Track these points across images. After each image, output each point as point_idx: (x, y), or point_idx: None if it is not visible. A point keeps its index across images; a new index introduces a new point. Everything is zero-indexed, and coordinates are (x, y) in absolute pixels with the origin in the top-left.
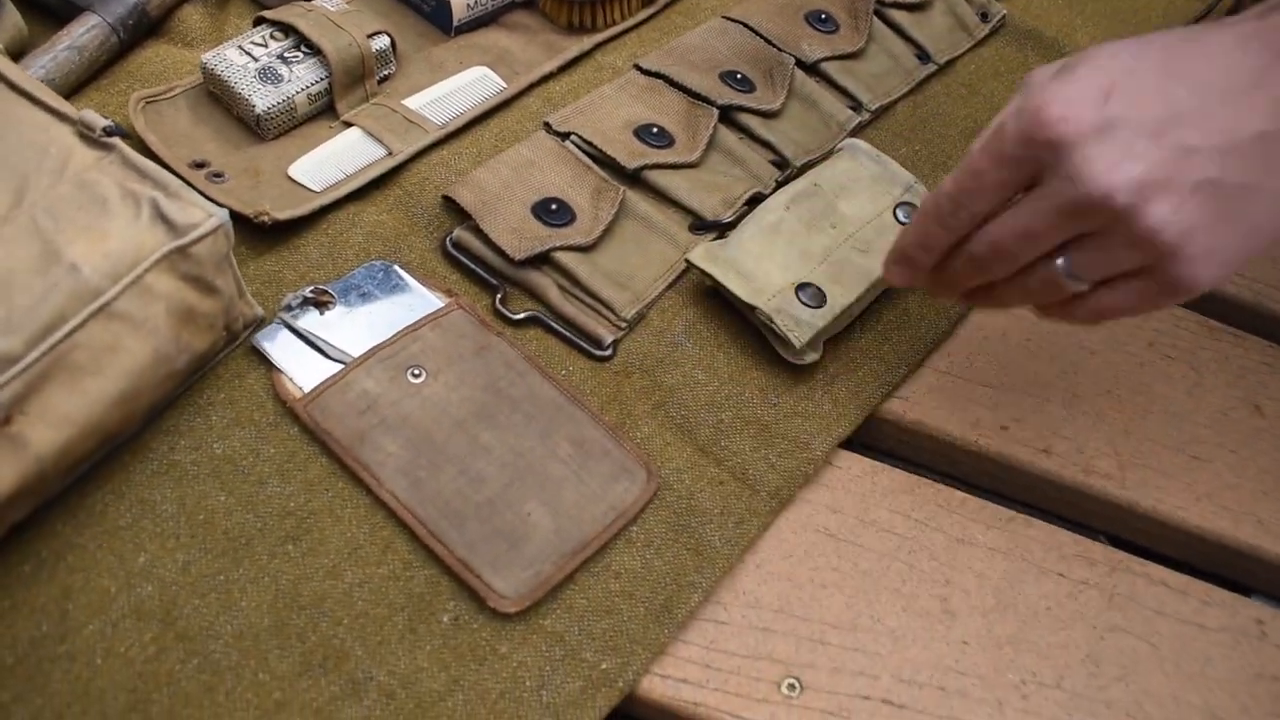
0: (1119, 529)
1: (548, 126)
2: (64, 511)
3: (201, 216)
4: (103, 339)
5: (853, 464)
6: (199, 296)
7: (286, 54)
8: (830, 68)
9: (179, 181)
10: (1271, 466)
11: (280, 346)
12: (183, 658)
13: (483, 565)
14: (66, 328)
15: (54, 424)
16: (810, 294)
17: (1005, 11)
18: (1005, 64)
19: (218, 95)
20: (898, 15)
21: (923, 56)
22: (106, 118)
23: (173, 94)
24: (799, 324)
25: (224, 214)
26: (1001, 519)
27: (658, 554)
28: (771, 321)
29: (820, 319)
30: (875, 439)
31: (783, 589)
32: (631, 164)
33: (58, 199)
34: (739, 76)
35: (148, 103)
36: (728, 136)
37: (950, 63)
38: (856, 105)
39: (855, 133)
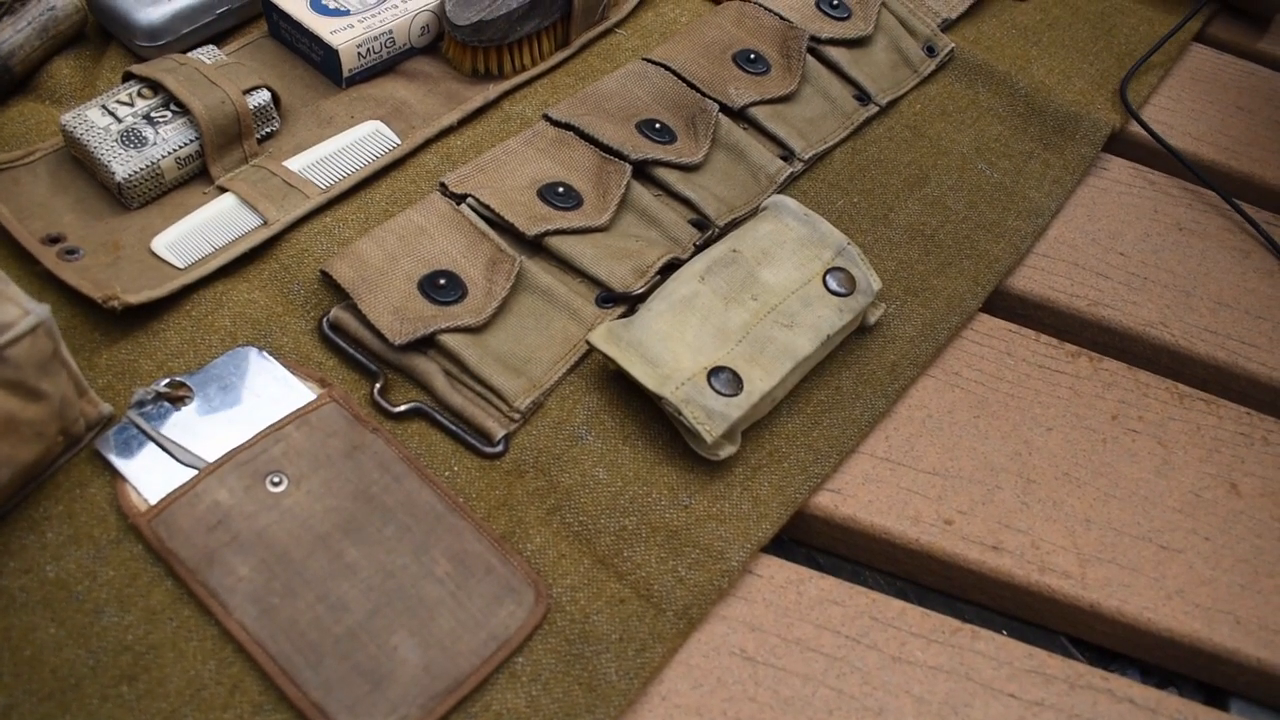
0: (1081, 633)
1: (443, 187)
2: None
3: (16, 315)
4: None
5: (776, 571)
6: (20, 403)
7: (153, 113)
8: (760, 113)
9: None
10: (1249, 555)
11: (127, 451)
12: None
13: (339, 710)
14: None
15: None
16: (724, 380)
17: (954, 45)
18: (954, 102)
19: (80, 160)
20: (835, 53)
21: (862, 97)
22: None
23: (32, 159)
24: (711, 415)
25: (44, 310)
26: (945, 631)
27: (545, 690)
28: (679, 413)
29: (735, 408)
30: (806, 536)
31: None
32: (532, 230)
33: None
34: (658, 126)
35: (2, 170)
36: (643, 195)
37: (893, 103)
38: (788, 154)
39: (787, 184)
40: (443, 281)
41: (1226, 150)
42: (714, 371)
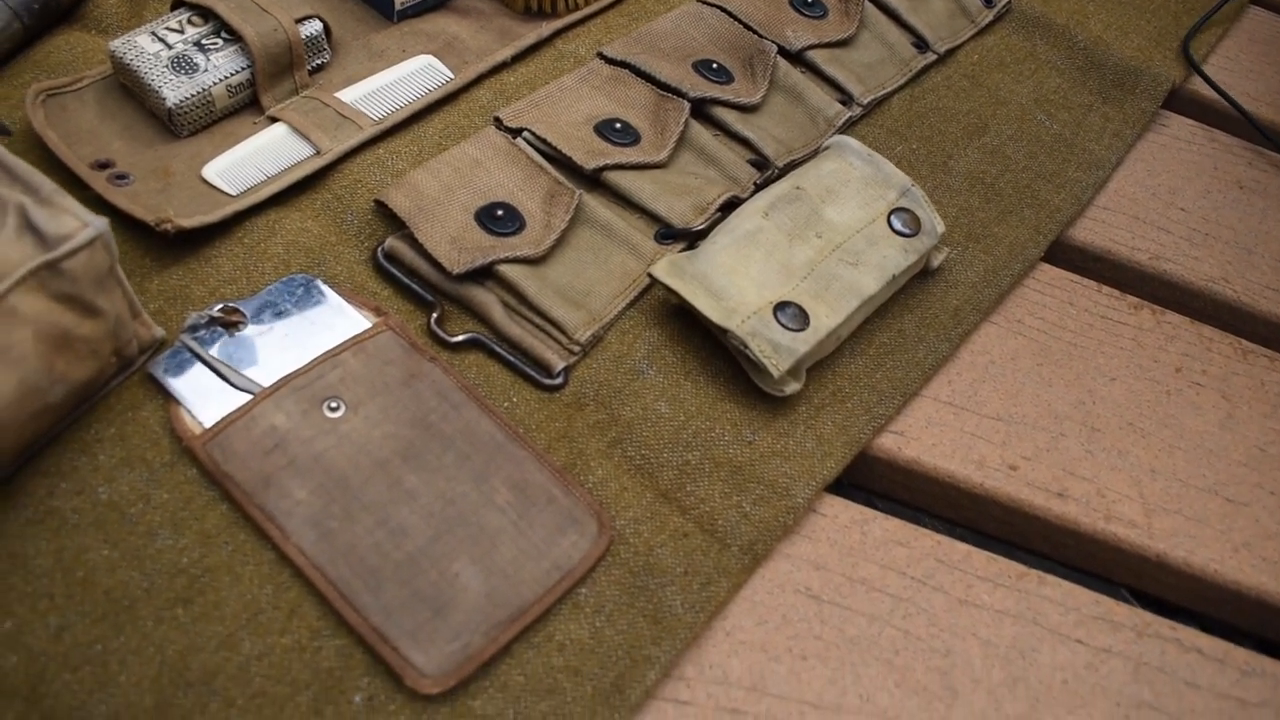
0: (1145, 584)
1: (498, 122)
2: None
3: (75, 226)
4: None
5: (840, 511)
6: (76, 319)
7: (204, 40)
8: (817, 57)
9: (53, 186)
10: None
11: (180, 374)
12: None
13: (400, 636)
14: None
15: None
16: (790, 315)
17: None
18: (1011, 54)
19: (128, 87)
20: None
21: (920, 45)
22: None
23: (79, 86)
24: (777, 349)
25: (103, 223)
26: (1011, 576)
27: (609, 621)
28: (745, 347)
29: (802, 344)
30: (866, 479)
31: (756, 661)
32: (590, 164)
33: None
34: (715, 66)
35: (49, 95)
36: (701, 133)
37: (950, 52)
38: (846, 99)
39: (845, 129)
40: (500, 213)
41: None
42: (780, 306)
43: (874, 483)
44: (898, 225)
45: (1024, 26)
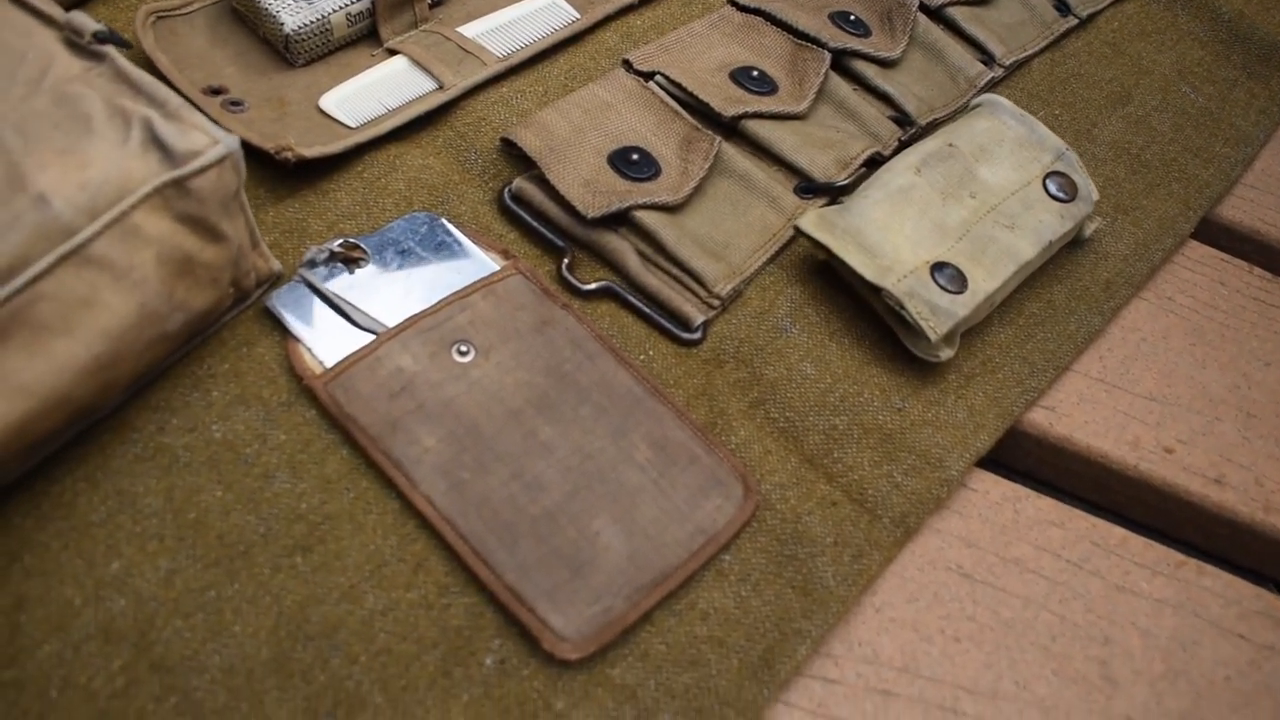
0: None
1: (627, 64)
2: (23, 501)
3: (205, 143)
4: (75, 290)
5: (991, 487)
6: (199, 243)
7: None
8: (958, 14)
9: (180, 100)
10: None
11: (299, 310)
12: (158, 694)
13: (538, 596)
14: (28, 274)
15: (8, 395)
16: (948, 276)
17: None
18: (1152, 23)
19: (242, 13)
20: None
21: (1062, 8)
22: (101, 22)
23: (190, 9)
24: (935, 312)
25: (234, 141)
26: (1169, 564)
27: (756, 591)
28: (902, 307)
29: (961, 307)
30: (1011, 456)
31: (908, 641)
32: (729, 111)
33: (30, 114)
34: (852, 18)
35: (159, 18)
36: (840, 86)
37: (1092, 17)
38: (988, 59)
39: (986, 90)
40: (635, 157)
41: None
42: (937, 266)
43: (1018, 459)
44: (1053, 189)
45: None
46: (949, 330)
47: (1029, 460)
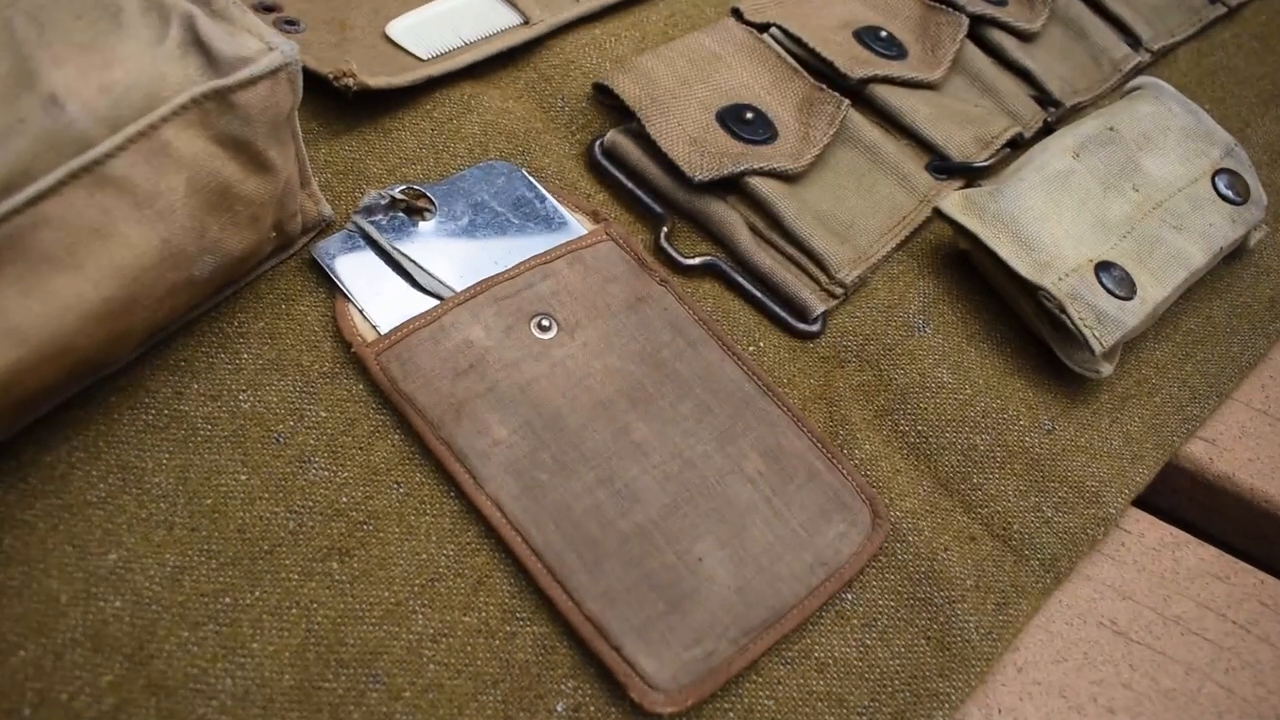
0: None
1: (737, 14)
2: (6, 469)
3: (258, 49)
4: (86, 216)
5: (1146, 529)
6: (241, 171)
7: None
8: None
9: None
10: None
11: (352, 264)
12: None
13: (625, 631)
14: (30, 191)
15: None
16: (1116, 278)
17: None
18: None
19: None
20: None
21: None
22: None
23: None
24: (1102, 319)
25: (293, 49)
26: None
27: (884, 640)
28: (1064, 311)
29: (1130, 315)
30: (1150, 491)
31: (1054, 710)
32: (856, 72)
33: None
34: None
35: None
36: (977, 57)
37: (1240, 7)
38: (1134, 41)
39: (1131, 77)
40: (749, 116)
41: None
42: (1102, 266)
43: (1163, 498)
44: (1224, 189)
45: None
46: (1115, 342)
47: (1175, 497)
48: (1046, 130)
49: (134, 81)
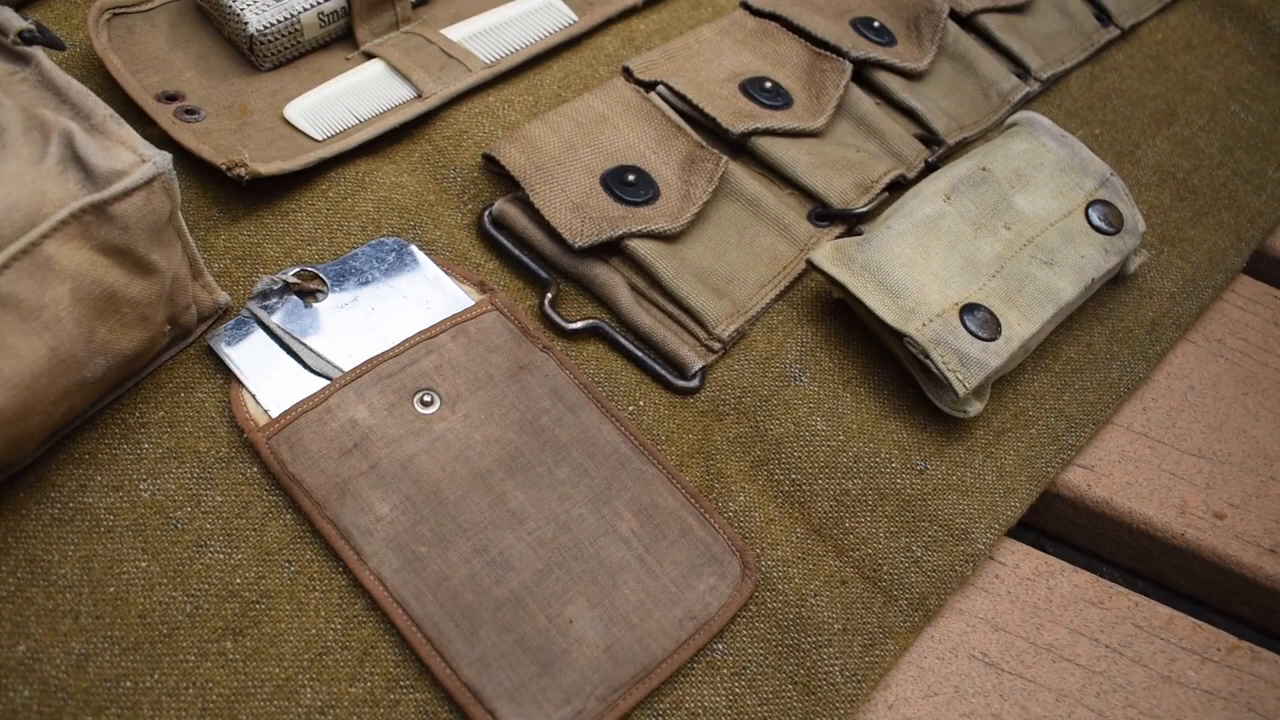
0: None
1: (628, 73)
2: None
3: (131, 161)
4: None
5: (1021, 559)
6: (125, 276)
7: None
8: (991, 22)
9: (109, 111)
10: None
11: (245, 350)
12: None
13: (498, 695)
14: None
15: None
16: (980, 320)
17: None
18: (1199, 35)
19: (206, 10)
20: None
21: (1103, 18)
22: (30, 19)
23: (149, 7)
24: (965, 362)
25: (165, 159)
26: (1220, 648)
27: (751, 688)
28: (927, 356)
29: (994, 356)
30: (1040, 518)
31: None
32: (738, 126)
33: None
34: (876, 25)
35: (115, 15)
36: (862, 100)
37: (1134, 28)
38: (1023, 72)
39: (1021, 107)
40: (631, 178)
41: None
42: (967, 309)
43: (1049, 522)
44: (1097, 220)
45: (1212, 6)
46: (979, 383)
47: (1061, 523)
48: (929, 169)
49: (15, 201)
